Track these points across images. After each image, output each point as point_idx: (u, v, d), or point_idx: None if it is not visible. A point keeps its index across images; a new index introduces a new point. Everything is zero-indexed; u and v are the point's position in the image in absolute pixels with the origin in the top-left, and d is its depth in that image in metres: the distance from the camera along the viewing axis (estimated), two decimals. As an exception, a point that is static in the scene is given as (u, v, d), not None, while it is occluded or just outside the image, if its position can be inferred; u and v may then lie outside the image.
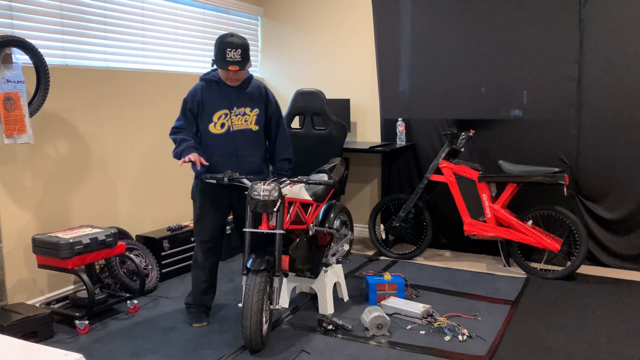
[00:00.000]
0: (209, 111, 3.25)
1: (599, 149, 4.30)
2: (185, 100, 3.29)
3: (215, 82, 3.28)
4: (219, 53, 3.13)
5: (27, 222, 3.46)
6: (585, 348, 3.02)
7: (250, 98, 3.31)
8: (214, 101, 3.26)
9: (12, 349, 1.72)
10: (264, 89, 3.38)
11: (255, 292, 2.89)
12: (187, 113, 3.28)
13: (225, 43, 3.11)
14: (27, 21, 3.42)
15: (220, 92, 3.27)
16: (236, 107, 3.27)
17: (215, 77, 3.27)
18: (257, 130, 3.33)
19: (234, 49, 3.11)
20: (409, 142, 4.98)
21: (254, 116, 3.31)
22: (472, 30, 4.61)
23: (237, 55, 3.12)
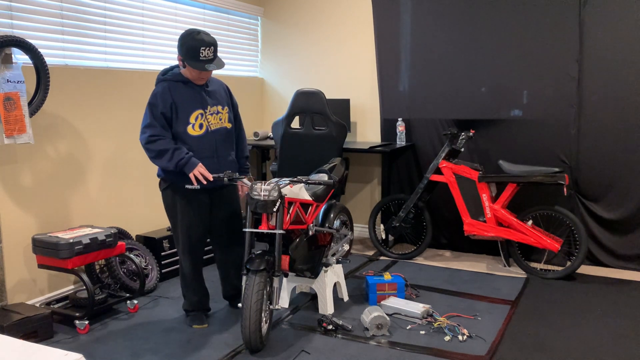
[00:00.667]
0: (184, 113, 3.10)
1: (599, 149, 4.30)
2: (153, 105, 3.07)
3: (181, 82, 3.13)
4: (191, 52, 2.99)
5: (27, 222, 3.46)
6: (585, 348, 3.02)
7: (218, 96, 3.25)
8: (187, 102, 3.11)
9: (12, 349, 1.72)
10: (226, 87, 3.34)
11: (255, 292, 2.89)
12: (159, 118, 3.06)
13: (199, 41, 2.99)
14: (27, 21, 3.42)
15: (190, 92, 3.13)
16: (209, 106, 3.19)
17: (179, 76, 3.13)
18: (230, 128, 3.29)
19: (207, 47, 3.01)
20: (409, 142, 4.98)
21: (227, 114, 3.27)
22: (472, 30, 4.61)
23: (210, 54, 3.03)
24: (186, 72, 3.11)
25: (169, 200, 3.24)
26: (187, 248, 3.28)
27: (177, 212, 3.23)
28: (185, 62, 3.05)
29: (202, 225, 3.29)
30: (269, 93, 5.73)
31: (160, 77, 3.16)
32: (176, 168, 3.06)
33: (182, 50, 3.03)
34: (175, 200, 3.21)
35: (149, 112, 3.08)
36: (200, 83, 3.16)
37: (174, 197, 3.21)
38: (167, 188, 3.22)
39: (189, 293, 3.40)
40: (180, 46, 3.04)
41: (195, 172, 3.05)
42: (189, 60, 3.03)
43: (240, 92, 5.42)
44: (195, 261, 3.34)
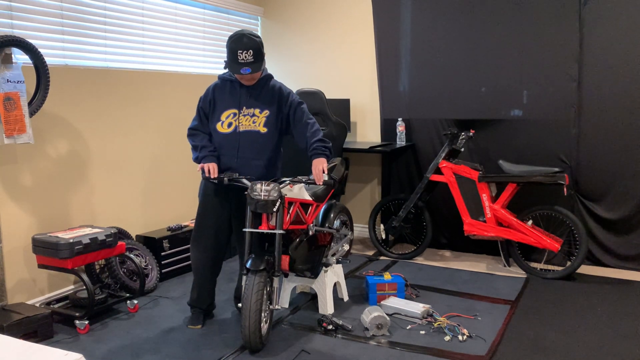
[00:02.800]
0: (219, 110, 3.25)
1: (599, 149, 4.30)
2: (200, 99, 3.32)
3: (230, 80, 3.27)
4: (230, 54, 3.07)
5: (27, 222, 3.46)
6: (585, 348, 3.02)
7: (263, 99, 3.24)
8: (224, 100, 3.24)
9: (12, 349, 1.72)
10: (278, 89, 3.28)
11: (254, 292, 2.89)
12: (200, 112, 3.31)
13: (236, 44, 3.03)
14: (27, 21, 3.42)
15: (232, 91, 3.25)
16: (245, 107, 3.22)
17: (232, 76, 3.25)
18: (265, 132, 3.22)
19: (245, 50, 3.03)
20: (409, 142, 4.98)
21: (263, 118, 3.22)
22: (472, 30, 4.61)
23: (249, 57, 3.04)
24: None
25: (199, 190, 3.42)
26: (194, 236, 3.37)
27: (200, 202, 3.38)
28: (227, 65, 3.13)
29: (215, 221, 3.32)
30: (269, 93, 5.72)
31: (219, 75, 3.33)
32: (196, 161, 3.27)
33: (226, 51, 3.13)
34: (202, 190, 3.38)
35: (196, 109, 3.35)
36: (247, 84, 3.22)
37: (202, 188, 3.38)
38: (202, 181, 3.40)
39: (195, 287, 3.42)
40: (226, 47, 3.15)
41: (205, 165, 3.19)
42: (228, 61, 3.11)
43: (240, 92, 5.42)
44: (200, 254, 3.35)
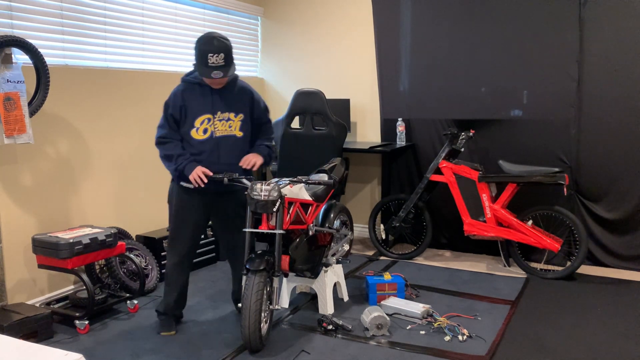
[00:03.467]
0: (192, 116, 3.10)
1: (599, 149, 4.30)
2: (167, 105, 3.12)
3: (197, 84, 3.12)
4: (200, 57, 2.97)
5: (27, 222, 3.46)
6: (585, 348, 3.02)
7: (235, 102, 3.18)
8: (197, 105, 3.10)
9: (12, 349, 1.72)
10: (249, 92, 3.24)
11: (254, 292, 2.89)
12: (170, 119, 3.12)
13: (207, 47, 2.95)
14: (27, 21, 3.42)
15: (203, 95, 3.11)
16: (220, 111, 3.14)
17: (197, 78, 3.11)
18: (241, 136, 3.20)
19: (217, 53, 2.95)
20: (409, 142, 4.98)
21: (239, 122, 3.18)
22: (472, 30, 4.61)
23: (219, 60, 2.96)
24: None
25: (170, 193, 3.32)
26: (171, 242, 3.29)
27: (171, 208, 3.28)
28: (197, 67, 3.02)
29: (192, 227, 3.25)
30: (269, 93, 5.73)
31: (182, 77, 3.19)
32: (176, 172, 3.14)
33: (195, 55, 3.03)
34: (172, 194, 3.29)
35: (163, 112, 3.18)
36: (216, 87, 3.13)
37: (172, 191, 3.29)
38: (172, 182, 3.31)
39: (167, 294, 3.32)
40: (195, 49, 3.04)
41: (193, 174, 3.07)
42: (198, 64, 3.01)
43: (240, 92, 5.42)
44: (177, 259, 3.27)
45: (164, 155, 3.15)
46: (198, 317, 3.49)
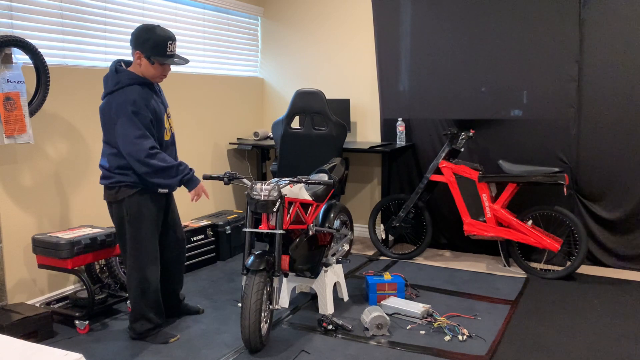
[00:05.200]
0: (159, 117, 2.99)
1: (599, 149, 4.30)
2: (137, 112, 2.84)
3: (148, 83, 2.97)
4: (159, 46, 2.87)
5: (27, 222, 3.46)
6: (585, 348, 3.02)
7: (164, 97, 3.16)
8: (158, 105, 2.99)
9: (12, 349, 1.72)
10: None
11: (254, 292, 2.89)
12: (149, 126, 2.90)
13: (165, 35, 2.90)
14: (27, 21, 3.42)
15: (154, 93, 3.01)
16: (166, 107, 3.11)
17: (139, 77, 2.94)
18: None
19: (173, 41, 2.93)
20: (409, 142, 4.98)
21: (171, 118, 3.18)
22: (472, 30, 4.61)
23: (174, 48, 2.96)
24: (146, 70, 2.94)
25: (134, 209, 2.98)
26: (152, 258, 3.07)
27: (142, 221, 3.00)
28: (153, 58, 2.90)
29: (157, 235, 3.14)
30: (269, 93, 5.73)
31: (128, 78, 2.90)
32: (179, 184, 2.97)
33: (147, 45, 2.88)
34: (141, 207, 2.99)
35: (135, 120, 2.84)
36: (160, 81, 3.04)
37: (140, 204, 2.99)
38: (134, 195, 2.97)
39: (150, 310, 3.12)
40: (142, 41, 2.88)
41: (198, 189, 3.00)
42: (156, 55, 2.90)
43: (240, 92, 5.43)
44: (156, 272, 3.12)
45: (160, 168, 2.87)
46: (198, 317, 3.49)
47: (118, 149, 2.94)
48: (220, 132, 5.18)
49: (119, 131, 2.86)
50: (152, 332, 3.16)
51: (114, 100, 2.88)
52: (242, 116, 5.47)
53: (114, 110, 2.88)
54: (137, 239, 3.02)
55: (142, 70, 2.96)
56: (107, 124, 2.94)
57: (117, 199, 2.99)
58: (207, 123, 4.99)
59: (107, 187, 3.02)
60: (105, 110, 2.93)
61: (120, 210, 3.01)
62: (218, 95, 5.11)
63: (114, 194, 2.99)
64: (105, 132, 2.97)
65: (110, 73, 2.96)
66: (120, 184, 2.97)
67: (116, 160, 2.96)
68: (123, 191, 2.97)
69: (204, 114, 4.95)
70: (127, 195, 2.97)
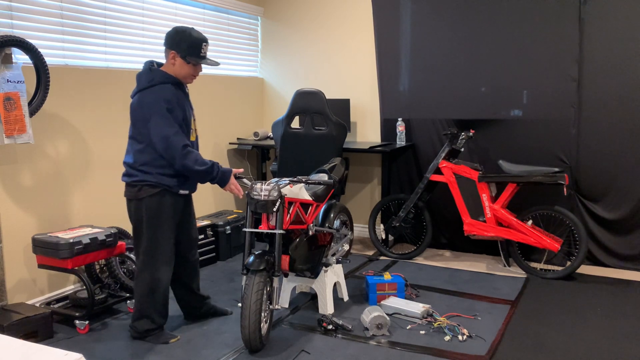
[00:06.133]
0: (187, 118, 3.04)
1: (599, 149, 4.30)
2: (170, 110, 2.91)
3: (179, 83, 3.02)
4: (194, 47, 2.95)
5: (27, 222, 3.46)
6: (585, 348, 3.02)
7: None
8: (186, 106, 3.05)
9: (12, 349, 1.72)
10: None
11: (254, 291, 2.89)
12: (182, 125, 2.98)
13: (200, 37, 2.98)
14: (27, 21, 3.42)
15: (184, 95, 3.06)
16: (192, 109, 3.14)
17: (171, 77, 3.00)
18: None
19: (207, 43, 3.03)
20: (409, 142, 4.98)
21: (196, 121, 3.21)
22: (472, 30, 4.61)
23: (207, 50, 3.04)
24: (181, 70, 3.00)
25: (154, 209, 3.00)
26: (167, 259, 3.09)
27: (161, 221, 3.03)
28: (188, 58, 2.98)
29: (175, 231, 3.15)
30: (269, 93, 5.73)
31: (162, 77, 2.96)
32: (212, 182, 3.01)
33: (182, 46, 2.95)
34: (160, 207, 3.01)
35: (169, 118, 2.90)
36: (191, 81, 3.10)
37: (160, 204, 3.01)
38: (155, 195, 2.99)
39: (155, 311, 3.11)
40: (178, 41, 2.95)
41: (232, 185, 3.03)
42: (191, 56, 2.98)
43: (240, 92, 5.43)
44: (170, 273, 3.15)
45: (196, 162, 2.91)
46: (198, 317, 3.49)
47: (145, 145, 2.97)
48: (220, 132, 5.18)
49: (154, 129, 2.90)
50: (153, 333, 3.14)
51: (146, 97, 2.93)
52: (242, 116, 5.47)
53: (146, 107, 2.91)
54: (153, 238, 3.04)
55: (175, 70, 3.01)
56: (138, 120, 2.96)
57: (138, 197, 3.00)
58: (207, 123, 4.99)
59: (129, 185, 3.05)
60: (137, 106, 2.96)
61: (139, 208, 3.02)
62: (218, 95, 5.11)
63: (135, 192, 3.01)
64: (134, 128, 2.99)
65: (144, 71, 3.01)
66: (142, 182, 2.99)
67: (141, 157, 2.98)
68: (145, 190, 2.99)
69: (204, 113, 4.95)
70: (149, 194, 2.99)
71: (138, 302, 3.11)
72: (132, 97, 3.02)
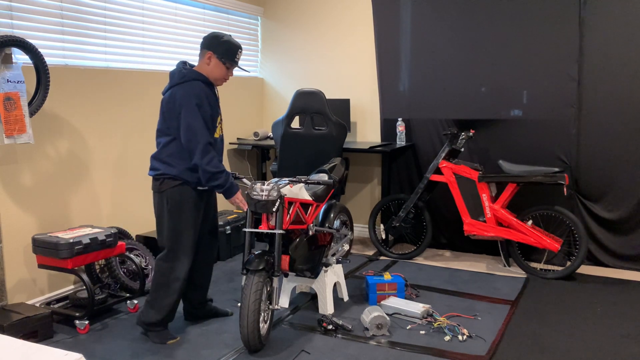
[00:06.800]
0: (214, 117, 3.11)
1: (599, 149, 4.30)
2: (201, 105, 3.00)
3: (210, 83, 3.12)
4: (231, 51, 3.10)
5: (27, 222, 3.46)
6: (585, 348, 3.02)
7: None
8: (215, 105, 3.13)
9: (12, 349, 1.72)
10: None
11: (253, 291, 2.89)
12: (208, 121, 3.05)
13: (236, 44, 3.13)
14: (27, 21, 3.42)
15: (214, 95, 3.15)
16: (219, 109, 3.22)
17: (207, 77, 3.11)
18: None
19: (241, 51, 3.17)
20: (409, 142, 4.98)
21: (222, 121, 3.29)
22: (472, 30, 4.61)
23: (240, 58, 3.17)
24: (214, 71, 3.11)
25: (175, 200, 3.07)
26: (188, 250, 3.13)
27: (182, 212, 3.09)
28: (225, 61, 3.10)
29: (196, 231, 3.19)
30: (269, 93, 5.73)
31: (194, 75, 3.05)
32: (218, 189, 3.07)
33: (221, 49, 3.08)
34: (182, 199, 3.08)
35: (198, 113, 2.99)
36: (221, 84, 3.20)
37: (182, 197, 3.08)
38: (176, 187, 3.07)
39: (167, 305, 3.13)
40: (217, 44, 3.08)
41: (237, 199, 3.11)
42: (227, 59, 3.10)
43: (240, 92, 5.43)
44: (189, 264, 3.17)
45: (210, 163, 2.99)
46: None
47: (172, 138, 3.06)
48: (220, 132, 5.18)
49: (183, 121, 3.00)
50: (156, 328, 3.15)
51: (178, 92, 3.02)
52: (242, 116, 5.47)
53: (178, 100, 3.01)
54: (175, 230, 3.11)
55: (209, 70, 3.12)
56: (167, 112, 3.05)
57: (161, 190, 3.11)
58: (207, 123, 4.98)
59: (154, 178, 3.15)
60: (169, 100, 3.05)
61: (161, 200, 3.12)
62: (218, 95, 5.11)
63: (158, 185, 3.12)
64: (164, 122, 3.09)
65: (177, 69, 3.11)
66: (164, 176, 3.08)
67: (166, 149, 3.08)
68: (166, 183, 3.09)
69: (204, 114, 4.95)
70: (170, 186, 3.08)
71: (153, 292, 3.16)
72: (164, 93, 3.13)
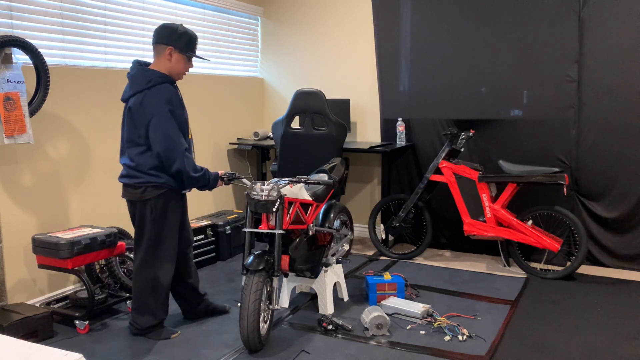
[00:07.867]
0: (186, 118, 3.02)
1: (599, 149, 4.30)
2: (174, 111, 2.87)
3: (174, 82, 2.98)
4: (191, 43, 2.96)
5: (27, 222, 3.46)
6: (585, 348, 3.02)
7: None
8: (184, 107, 3.01)
9: (12, 349, 1.72)
10: None
11: (253, 291, 2.89)
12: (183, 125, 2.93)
13: (194, 34, 3.00)
14: (27, 21, 3.42)
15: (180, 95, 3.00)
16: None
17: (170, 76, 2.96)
18: None
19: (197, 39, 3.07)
20: (409, 142, 4.98)
21: None
22: (472, 30, 4.61)
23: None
24: (176, 66, 2.97)
25: (159, 209, 3.00)
26: (170, 256, 3.10)
27: (166, 219, 3.03)
28: (187, 54, 2.96)
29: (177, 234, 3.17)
30: (269, 93, 5.73)
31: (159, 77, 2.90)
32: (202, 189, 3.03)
33: (181, 42, 2.92)
34: (166, 207, 3.02)
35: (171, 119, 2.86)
36: (181, 79, 3.08)
37: (166, 204, 3.02)
38: (161, 195, 2.99)
39: (158, 307, 3.13)
40: (177, 38, 2.92)
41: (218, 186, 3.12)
42: (189, 51, 2.96)
43: (240, 92, 5.43)
44: (173, 270, 3.16)
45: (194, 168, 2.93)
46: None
47: (147, 148, 2.92)
48: (220, 132, 5.18)
49: (155, 129, 2.85)
50: (154, 329, 3.16)
51: (147, 98, 2.86)
52: (242, 116, 5.47)
53: (147, 108, 2.86)
54: (158, 237, 3.04)
55: (171, 66, 2.96)
56: (137, 121, 2.91)
57: (143, 198, 2.98)
58: (207, 123, 4.99)
59: (130, 186, 3.00)
60: (136, 108, 2.89)
61: (144, 209, 3.01)
62: (218, 95, 5.11)
63: (139, 194, 2.98)
64: (133, 130, 2.93)
65: (138, 72, 2.94)
66: (148, 184, 2.96)
67: (145, 160, 2.94)
68: (150, 191, 2.97)
69: (204, 113, 4.95)
70: (154, 195, 2.98)
71: (140, 299, 3.10)
72: (126, 99, 2.97)
